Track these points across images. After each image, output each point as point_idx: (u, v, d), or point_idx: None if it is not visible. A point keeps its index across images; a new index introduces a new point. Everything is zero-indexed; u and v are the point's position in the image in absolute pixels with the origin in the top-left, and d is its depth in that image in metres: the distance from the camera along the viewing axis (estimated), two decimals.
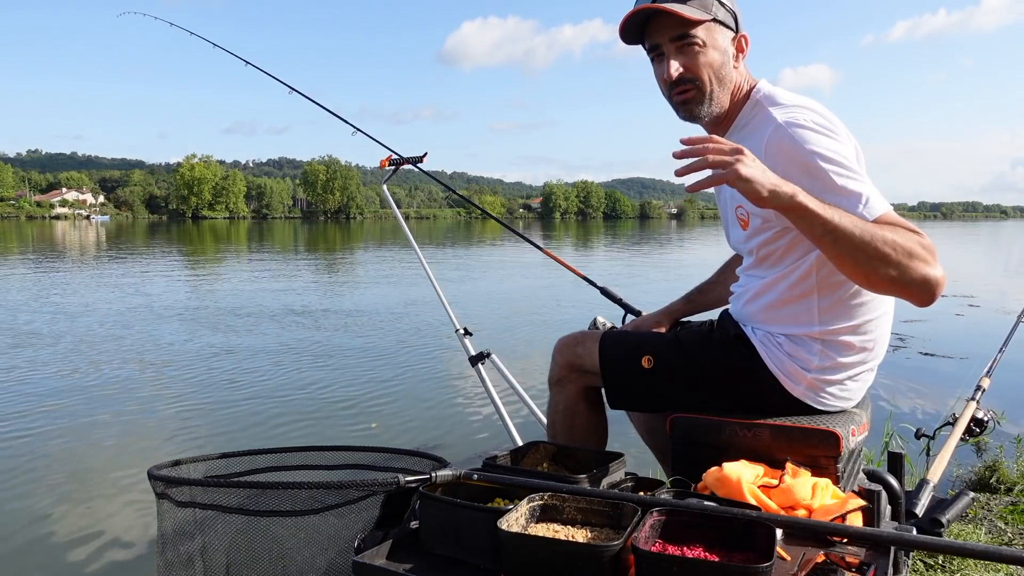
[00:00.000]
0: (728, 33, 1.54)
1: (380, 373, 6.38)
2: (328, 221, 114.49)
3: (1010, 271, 20.55)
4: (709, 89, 1.52)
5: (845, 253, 1.24)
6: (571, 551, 1.08)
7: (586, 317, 2.19)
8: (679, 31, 1.49)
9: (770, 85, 1.58)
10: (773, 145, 1.42)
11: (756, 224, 1.54)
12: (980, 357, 3.93)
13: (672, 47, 1.51)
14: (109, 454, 4.27)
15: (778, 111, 1.47)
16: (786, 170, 1.33)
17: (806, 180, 1.33)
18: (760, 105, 1.53)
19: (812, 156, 1.36)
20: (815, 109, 1.49)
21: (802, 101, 1.51)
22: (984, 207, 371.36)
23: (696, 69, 1.51)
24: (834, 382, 1.55)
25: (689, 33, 1.49)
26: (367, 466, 1.58)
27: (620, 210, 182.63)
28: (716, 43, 1.51)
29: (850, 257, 1.25)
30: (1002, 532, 2.78)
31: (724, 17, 1.52)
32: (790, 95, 1.54)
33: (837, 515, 1.25)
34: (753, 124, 1.53)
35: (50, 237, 39.01)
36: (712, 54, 1.51)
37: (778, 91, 1.55)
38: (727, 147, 1.23)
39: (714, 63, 1.51)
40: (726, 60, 1.53)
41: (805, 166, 1.36)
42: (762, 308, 1.58)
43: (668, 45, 1.52)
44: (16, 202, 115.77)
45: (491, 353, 2.70)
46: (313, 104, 3.26)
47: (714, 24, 1.51)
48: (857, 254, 1.23)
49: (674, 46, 1.51)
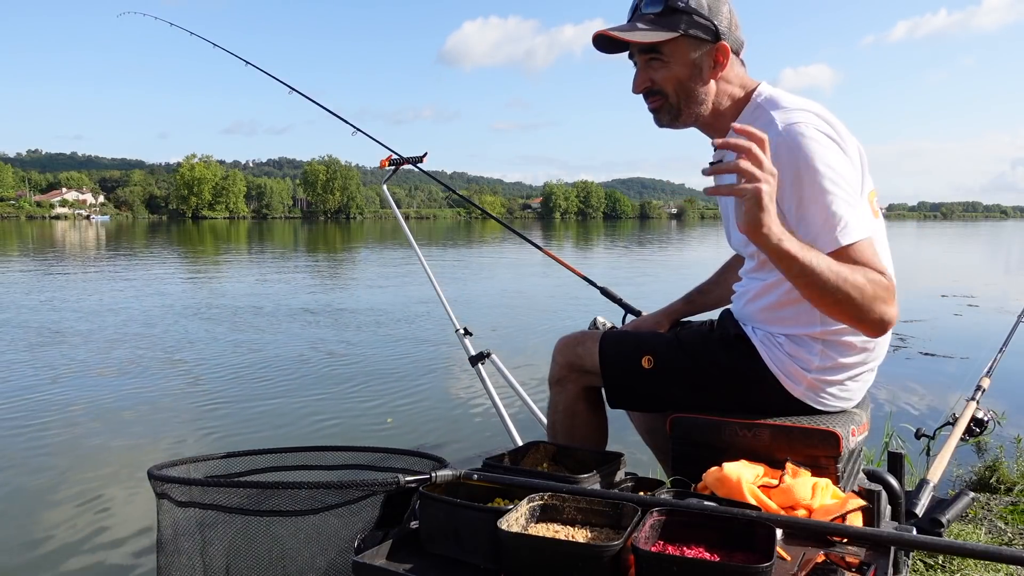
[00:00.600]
0: (702, 46, 1.54)
1: (380, 373, 6.38)
2: (328, 221, 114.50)
3: (1010, 271, 20.56)
4: (676, 101, 1.56)
5: (815, 294, 1.30)
6: (571, 551, 1.08)
7: (586, 317, 2.19)
8: (646, 46, 1.53)
9: (772, 88, 1.58)
10: (774, 153, 1.42)
11: None
12: (980, 357, 3.94)
13: (641, 59, 1.57)
14: (110, 453, 4.27)
15: (780, 115, 1.47)
16: (782, 179, 1.35)
17: (795, 190, 1.37)
18: (761, 108, 1.53)
19: (806, 167, 1.38)
20: (818, 114, 1.48)
21: (805, 105, 1.51)
22: (984, 207, 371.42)
23: (661, 83, 1.55)
24: (835, 382, 1.55)
25: (655, 49, 1.53)
26: (367, 466, 1.58)
27: (620, 210, 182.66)
28: (684, 58, 1.53)
29: (818, 296, 1.30)
30: (1002, 532, 2.78)
31: (697, 31, 1.52)
32: (793, 98, 1.53)
33: (837, 515, 1.25)
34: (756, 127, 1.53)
35: (51, 237, 39.02)
36: (676, 69, 1.54)
37: (780, 94, 1.55)
38: (765, 164, 1.22)
39: (680, 77, 1.54)
40: (695, 73, 1.55)
41: (797, 176, 1.38)
42: (763, 308, 1.58)
43: (638, 57, 1.57)
44: (16, 202, 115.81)
45: (491, 353, 2.71)
46: (313, 104, 3.27)
47: (683, 39, 1.52)
48: (825, 295, 1.29)
49: (643, 59, 1.56)
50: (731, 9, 1.58)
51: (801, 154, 1.38)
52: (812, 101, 1.53)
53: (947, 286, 13.83)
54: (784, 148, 1.40)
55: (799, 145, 1.39)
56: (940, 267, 20.44)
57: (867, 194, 1.51)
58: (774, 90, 1.57)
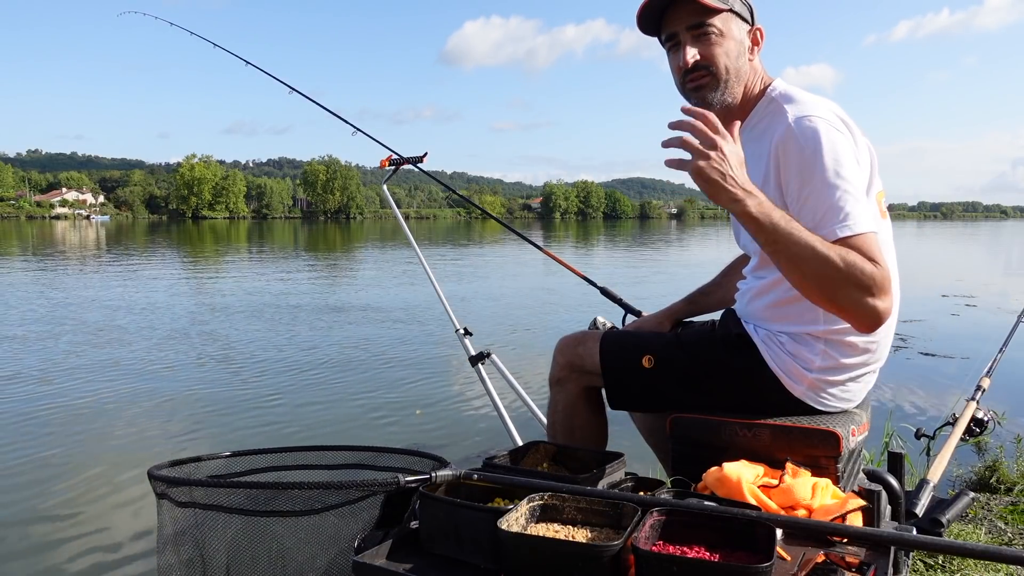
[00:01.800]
0: (744, 25, 1.56)
1: (380, 373, 6.38)
2: (328, 221, 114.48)
3: (1010, 271, 20.55)
4: (724, 77, 1.54)
5: (786, 265, 1.30)
6: (571, 551, 1.08)
7: (586, 317, 2.19)
8: (696, 19, 1.51)
9: (786, 84, 1.59)
10: (783, 144, 1.43)
11: None
12: (980, 357, 3.93)
13: (688, 35, 1.53)
14: (109, 454, 4.26)
15: (793, 109, 1.47)
16: (788, 169, 1.39)
17: (801, 180, 1.38)
18: (775, 103, 1.54)
19: (813, 159, 1.38)
20: (831, 109, 1.49)
21: (819, 101, 1.51)
22: (984, 207, 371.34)
23: (712, 57, 1.52)
24: (836, 383, 1.55)
25: (706, 22, 1.51)
26: (367, 466, 1.57)
27: (620, 210, 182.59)
28: (732, 33, 1.53)
29: (788, 268, 1.31)
30: (1002, 532, 2.78)
31: (740, 9, 1.55)
32: (807, 94, 1.53)
33: (837, 515, 1.25)
34: (767, 121, 1.53)
35: (50, 237, 39.01)
36: (728, 44, 1.53)
37: (794, 90, 1.55)
38: (708, 139, 1.27)
39: (730, 52, 1.53)
40: (742, 51, 1.55)
41: (804, 169, 1.38)
42: (766, 306, 1.58)
43: (685, 34, 1.53)
44: (16, 202, 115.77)
45: (491, 353, 2.71)
46: (314, 104, 3.27)
47: (731, 15, 1.53)
48: (794, 266, 1.29)
49: (691, 34, 1.53)
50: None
51: (809, 146, 1.39)
52: (826, 99, 1.54)
53: (947, 286, 13.82)
54: (793, 139, 1.41)
55: (808, 137, 1.40)
56: (940, 267, 20.44)
57: (875, 195, 1.51)
58: (788, 86, 1.58)
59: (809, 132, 1.40)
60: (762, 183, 1.45)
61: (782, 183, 1.44)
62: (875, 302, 1.29)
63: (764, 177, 1.47)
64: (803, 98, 1.51)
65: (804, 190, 1.37)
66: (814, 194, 1.36)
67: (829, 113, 1.46)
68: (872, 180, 1.51)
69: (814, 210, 1.35)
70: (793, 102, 1.50)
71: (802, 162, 1.39)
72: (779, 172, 1.44)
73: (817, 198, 1.35)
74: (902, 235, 54.42)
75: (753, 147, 1.51)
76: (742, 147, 1.35)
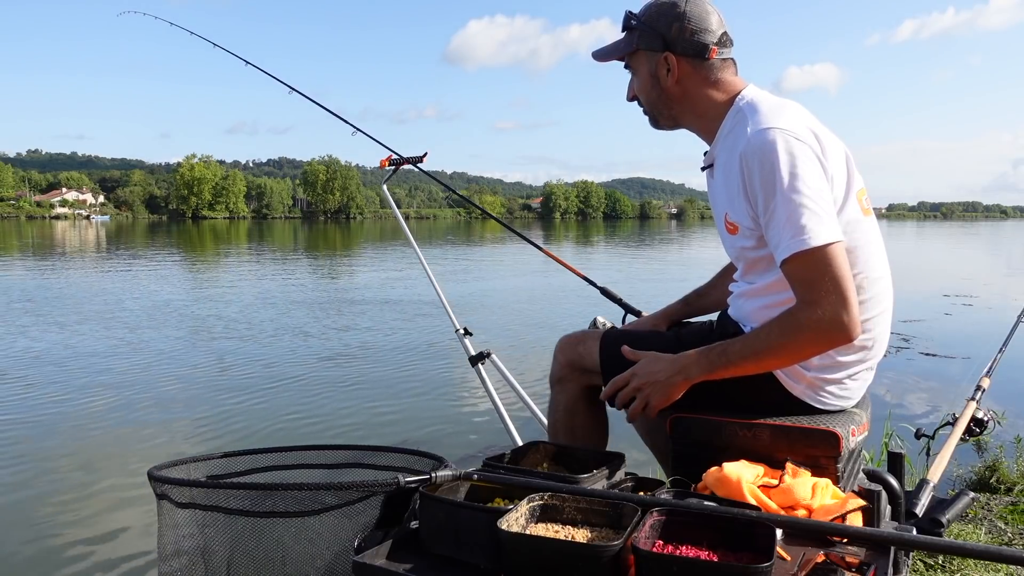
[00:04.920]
0: (654, 55, 1.60)
1: (380, 373, 6.38)
2: (328, 221, 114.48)
3: (1010, 271, 20.55)
4: (650, 109, 1.67)
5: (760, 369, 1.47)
6: (571, 551, 1.08)
7: (586, 317, 2.19)
8: (624, 62, 1.68)
9: (756, 91, 1.57)
10: (745, 158, 1.45)
11: (745, 232, 1.54)
12: (980, 357, 3.93)
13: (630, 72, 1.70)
14: (109, 455, 4.27)
15: (754, 122, 1.47)
16: (753, 184, 1.43)
17: (762, 195, 1.42)
18: (741, 113, 1.53)
19: (771, 175, 1.40)
20: (796, 119, 1.48)
21: (783, 110, 1.50)
22: (984, 207, 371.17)
23: (637, 92, 1.68)
24: (834, 381, 1.55)
25: (627, 63, 1.68)
26: (367, 464, 1.57)
27: (620, 210, 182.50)
28: (641, 70, 1.64)
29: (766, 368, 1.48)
30: (1002, 532, 2.78)
31: (649, 43, 1.59)
32: (771, 102, 1.52)
33: (837, 515, 1.25)
34: (734, 133, 1.54)
35: (50, 237, 39.00)
36: (639, 80, 1.66)
37: (760, 98, 1.54)
38: (631, 385, 1.54)
39: (644, 87, 1.65)
40: (654, 83, 1.62)
41: (764, 183, 1.41)
42: (760, 308, 1.58)
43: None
44: (16, 202, 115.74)
45: (491, 353, 2.70)
46: (314, 104, 3.27)
47: (641, 52, 1.62)
48: (769, 364, 1.47)
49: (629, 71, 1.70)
50: (695, 14, 1.56)
51: (768, 160, 1.41)
52: (794, 104, 1.53)
53: (947, 286, 13.82)
54: (752, 153, 1.43)
55: (767, 151, 1.41)
56: (940, 267, 20.44)
57: (856, 192, 1.51)
58: (757, 94, 1.56)
59: (768, 146, 1.41)
60: (737, 192, 1.49)
61: (750, 196, 1.46)
62: (834, 330, 1.37)
63: (738, 188, 1.49)
64: (765, 108, 1.50)
65: (768, 205, 1.41)
66: (775, 209, 1.40)
67: (790, 122, 1.45)
68: (851, 180, 1.50)
69: (776, 226, 1.40)
70: (755, 112, 1.50)
71: (763, 177, 1.41)
72: (746, 185, 1.46)
73: (776, 213, 1.40)
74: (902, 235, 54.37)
75: (726, 156, 1.55)
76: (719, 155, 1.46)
